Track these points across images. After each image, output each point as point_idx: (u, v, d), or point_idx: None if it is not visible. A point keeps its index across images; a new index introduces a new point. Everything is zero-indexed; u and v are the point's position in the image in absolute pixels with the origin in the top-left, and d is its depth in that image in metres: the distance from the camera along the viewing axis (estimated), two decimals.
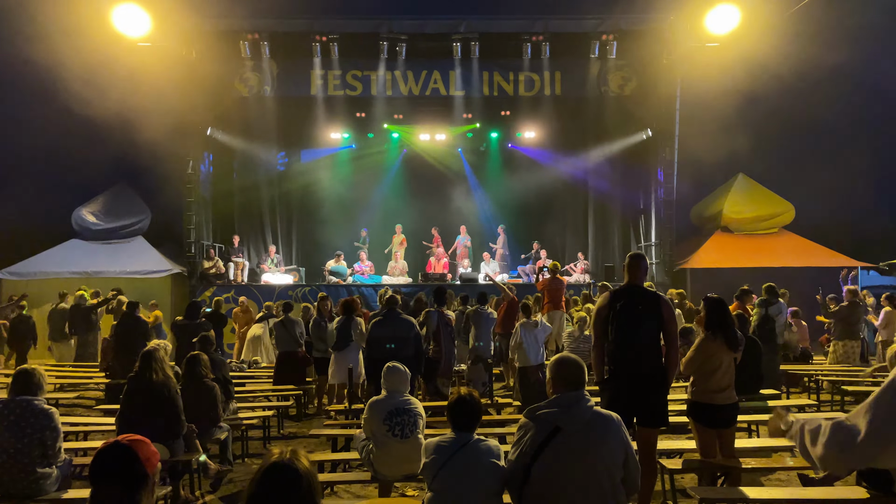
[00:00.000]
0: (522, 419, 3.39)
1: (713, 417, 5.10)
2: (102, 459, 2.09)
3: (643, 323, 4.93)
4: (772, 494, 4.60)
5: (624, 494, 3.28)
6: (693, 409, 5.21)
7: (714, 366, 5.10)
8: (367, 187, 18.56)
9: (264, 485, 1.94)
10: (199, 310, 9.78)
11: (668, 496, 5.55)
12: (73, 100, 13.19)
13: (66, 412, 9.31)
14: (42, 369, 4.87)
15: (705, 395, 5.12)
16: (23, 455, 4.56)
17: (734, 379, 5.20)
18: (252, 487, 1.95)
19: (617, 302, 5.01)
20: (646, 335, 4.93)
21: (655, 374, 4.93)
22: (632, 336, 4.93)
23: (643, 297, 5.03)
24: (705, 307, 5.38)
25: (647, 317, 4.94)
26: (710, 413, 5.10)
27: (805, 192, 16.64)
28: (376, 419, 4.82)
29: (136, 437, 2.16)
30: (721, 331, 5.16)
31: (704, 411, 5.13)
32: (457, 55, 15.42)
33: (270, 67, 15.55)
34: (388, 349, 6.98)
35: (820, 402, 9.13)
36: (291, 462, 1.97)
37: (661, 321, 4.93)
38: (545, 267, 12.59)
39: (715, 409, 5.09)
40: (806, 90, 15.89)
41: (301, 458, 2.01)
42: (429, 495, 3.44)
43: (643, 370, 4.91)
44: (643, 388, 4.89)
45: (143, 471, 2.08)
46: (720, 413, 5.10)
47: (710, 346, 5.14)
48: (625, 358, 4.94)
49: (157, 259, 15.43)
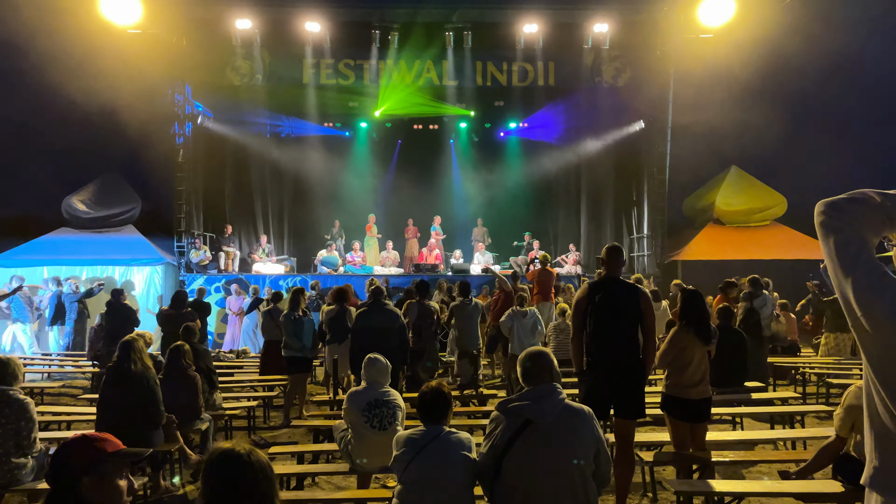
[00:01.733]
0: (494, 412, 3.39)
1: (686, 411, 5.11)
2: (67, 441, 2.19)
3: (621, 315, 4.94)
4: (748, 487, 4.61)
5: (595, 488, 3.27)
6: (666, 403, 5.22)
7: (687, 359, 5.10)
8: (360, 177, 18.49)
9: (221, 472, 1.95)
10: (185, 299, 9.75)
11: (648, 488, 5.56)
12: (63, 88, 13.09)
13: (52, 401, 9.30)
14: (17, 359, 4.84)
15: (678, 389, 5.12)
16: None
17: (708, 373, 5.20)
18: (207, 477, 1.96)
19: (595, 294, 5.02)
20: (624, 327, 4.93)
21: (633, 366, 4.94)
22: (610, 328, 4.94)
23: (621, 290, 5.03)
24: (681, 299, 5.37)
25: (625, 309, 4.94)
26: (683, 407, 5.10)
27: (797, 184, 16.63)
28: (354, 410, 4.80)
29: (104, 435, 2.23)
30: (693, 324, 5.15)
31: (677, 405, 5.13)
32: (449, 45, 15.37)
33: (262, 56, 15.47)
34: (372, 340, 6.93)
35: (805, 394, 9.14)
36: (247, 453, 1.97)
37: (640, 313, 4.93)
38: (535, 258, 12.58)
39: (688, 403, 5.09)
40: (800, 82, 15.84)
41: (255, 451, 2.00)
42: (399, 488, 3.43)
43: (621, 362, 4.92)
44: (621, 380, 4.90)
45: (99, 455, 2.17)
46: (693, 407, 5.10)
47: (682, 338, 5.14)
48: (603, 350, 4.95)
49: (148, 248, 15.37)
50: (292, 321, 8.51)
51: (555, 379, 3.40)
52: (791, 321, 11.58)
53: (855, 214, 1.76)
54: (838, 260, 1.74)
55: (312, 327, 8.73)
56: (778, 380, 9.94)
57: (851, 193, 1.80)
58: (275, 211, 18.14)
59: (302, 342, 8.49)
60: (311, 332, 8.61)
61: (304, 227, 18.43)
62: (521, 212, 18.38)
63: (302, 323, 8.53)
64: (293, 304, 8.65)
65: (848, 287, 1.70)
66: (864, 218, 1.76)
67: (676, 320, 5.37)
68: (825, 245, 1.79)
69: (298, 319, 8.53)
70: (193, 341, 7.06)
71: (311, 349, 8.66)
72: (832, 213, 1.79)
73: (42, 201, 16.39)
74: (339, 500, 4.76)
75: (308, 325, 8.65)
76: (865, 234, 1.75)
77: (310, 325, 8.71)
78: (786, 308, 11.56)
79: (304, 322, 8.57)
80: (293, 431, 7.58)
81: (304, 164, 17.91)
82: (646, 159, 16.29)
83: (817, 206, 1.82)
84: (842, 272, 1.73)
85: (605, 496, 5.07)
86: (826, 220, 1.79)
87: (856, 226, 1.75)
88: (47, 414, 7.27)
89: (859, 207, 1.77)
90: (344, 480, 5.88)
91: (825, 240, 1.79)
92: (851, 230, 1.75)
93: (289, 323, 8.52)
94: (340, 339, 8.62)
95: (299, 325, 8.51)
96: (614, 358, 4.91)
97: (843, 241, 1.74)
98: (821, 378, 9.07)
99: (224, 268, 15.64)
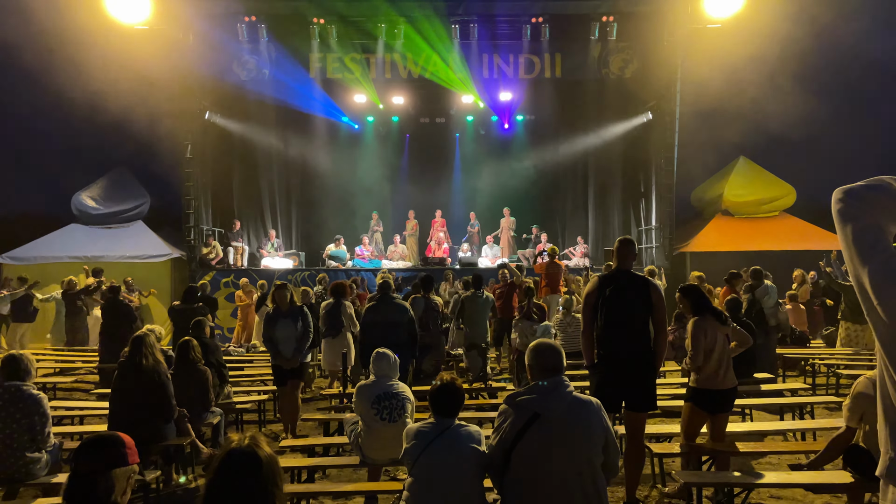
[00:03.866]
0: (502, 405, 3.40)
1: (714, 402, 5.09)
2: (87, 441, 2.30)
3: (632, 308, 4.94)
4: (757, 478, 4.61)
5: (604, 479, 3.29)
6: (695, 395, 5.17)
7: (710, 347, 5.08)
8: (367, 171, 18.50)
9: (223, 471, 1.95)
10: (196, 294, 9.79)
11: (658, 480, 5.58)
12: (72, 84, 13.17)
13: (65, 396, 9.39)
14: (31, 355, 4.90)
15: (709, 382, 5.08)
16: (12, 440, 4.61)
17: (731, 361, 5.19)
18: (211, 474, 1.96)
19: (606, 287, 5.02)
20: (635, 320, 4.93)
21: (644, 359, 4.93)
22: (621, 321, 4.94)
23: (632, 282, 5.03)
24: (682, 297, 5.38)
25: (636, 302, 4.94)
26: (713, 398, 5.09)
27: (806, 175, 16.53)
28: (364, 403, 4.84)
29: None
30: (708, 310, 5.17)
31: (706, 396, 5.10)
32: (456, 37, 15.32)
33: (269, 50, 15.48)
34: (381, 334, 6.96)
35: (815, 385, 9.12)
36: (250, 448, 1.98)
37: (651, 306, 4.93)
38: (544, 251, 12.57)
39: (718, 394, 5.08)
40: (808, 71, 15.73)
41: (261, 445, 2.02)
42: (409, 480, 3.45)
43: (632, 355, 4.92)
44: (632, 373, 4.91)
45: (124, 454, 2.25)
46: (722, 397, 5.09)
47: (703, 326, 5.12)
48: (614, 343, 4.95)
49: (157, 243, 15.45)
50: (279, 323, 7.07)
51: (562, 372, 3.42)
52: (800, 312, 11.54)
53: (873, 202, 1.74)
54: (855, 248, 1.72)
55: (293, 328, 7.08)
56: (787, 371, 9.92)
57: (869, 181, 1.78)
58: (282, 205, 18.16)
59: (276, 348, 7.02)
60: (290, 336, 7.03)
61: (312, 221, 18.46)
62: (528, 204, 18.34)
63: (276, 323, 7.07)
64: (278, 302, 7.18)
65: (864, 275, 1.68)
66: (882, 206, 1.74)
67: (689, 315, 5.35)
68: (842, 233, 1.76)
69: (272, 319, 7.10)
70: (204, 336, 7.11)
71: (292, 355, 7.02)
72: (850, 200, 1.76)
73: (51, 198, 16.52)
74: (350, 492, 4.80)
75: (285, 327, 7.05)
76: (883, 221, 1.73)
77: (287, 325, 7.07)
78: (794, 299, 11.52)
79: (278, 322, 7.07)
80: (303, 425, 7.63)
81: (311, 158, 17.93)
82: (653, 150, 16.21)
83: (835, 194, 1.80)
84: (859, 260, 1.70)
85: (614, 487, 5.10)
86: (843, 208, 1.76)
87: (874, 213, 1.73)
88: (60, 409, 7.34)
89: (877, 195, 1.75)
90: (354, 473, 5.92)
91: (842, 228, 1.76)
92: (869, 218, 1.72)
93: (273, 325, 7.07)
94: (334, 333, 8.66)
95: (288, 327, 7.05)
96: (626, 351, 4.91)
97: (861, 228, 1.72)
98: (830, 369, 9.05)
99: (233, 263, 15.70)
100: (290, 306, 7.20)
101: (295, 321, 7.13)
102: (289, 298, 7.21)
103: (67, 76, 13.02)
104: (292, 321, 7.11)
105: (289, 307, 7.19)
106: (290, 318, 7.13)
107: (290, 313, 7.17)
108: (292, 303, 7.27)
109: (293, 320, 7.13)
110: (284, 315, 7.14)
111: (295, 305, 7.31)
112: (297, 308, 7.28)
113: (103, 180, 16.61)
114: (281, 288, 7.29)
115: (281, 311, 7.17)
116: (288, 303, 7.19)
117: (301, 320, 7.17)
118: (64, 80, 13.19)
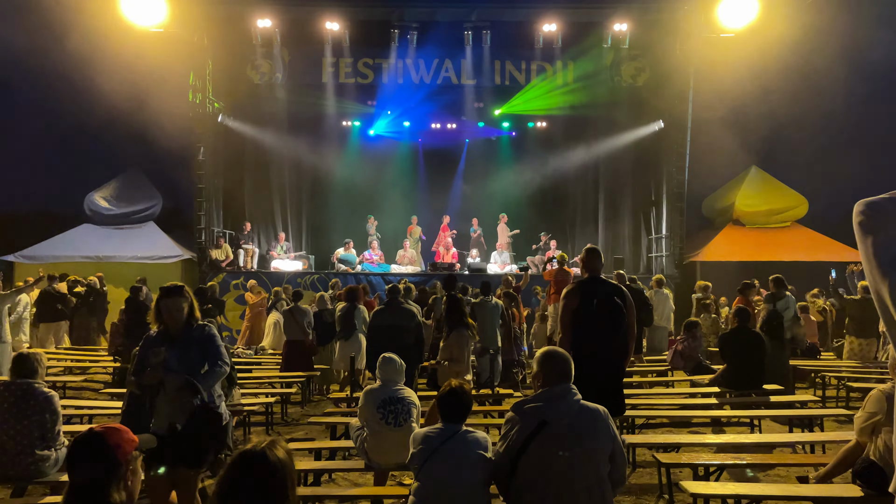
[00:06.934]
0: (509, 413, 3.40)
1: None
2: (75, 447, 2.16)
3: (607, 313, 5.22)
4: (765, 490, 4.58)
5: (610, 487, 3.28)
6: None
7: None
8: (378, 176, 18.53)
9: (234, 473, 1.95)
10: (205, 295, 9.84)
11: (665, 490, 5.54)
12: (85, 86, 13.29)
13: (75, 395, 9.44)
14: (41, 353, 4.93)
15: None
16: (22, 437, 4.62)
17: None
18: (224, 474, 1.97)
19: (583, 294, 5.28)
20: (608, 325, 5.21)
21: (618, 363, 5.27)
22: (595, 326, 5.20)
23: (605, 289, 5.36)
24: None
25: (609, 307, 5.23)
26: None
27: (819, 185, 16.44)
28: (370, 408, 4.85)
29: (112, 426, 2.20)
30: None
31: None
32: (468, 44, 15.38)
33: (282, 55, 15.59)
34: (387, 338, 6.97)
35: (825, 397, 9.05)
36: (264, 452, 1.97)
37: (623, 311, 5.26)
38: (553, 258, 12.55)
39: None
40: (822, 82, 15.64)
41: (277, 449, 2.01)
42: (416, 485, 3.45)
43: (607, 358, 5.20)
44: (606, 377, 5.14)
45: (114, 456, 2.13)
46: None
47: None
48: (589, 347, 5.14)
49: (168, 244, 15.55)
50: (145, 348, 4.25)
51: (571, 379, 3.41)
52: (811, 323, 11.46)
53: (895, 214, 1.69)
54: (876, 261, 1.66)
55: (187, 361, 4.34)
56: (797, 382, 9.85)
57: (892, 193, 1.72)
58: (293, 208, 18.23)
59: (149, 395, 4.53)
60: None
61: (322, 224, 18.52)
62: (538, 211, 18.32)
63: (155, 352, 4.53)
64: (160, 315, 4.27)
65: (885, 290, 1.63)
66: None
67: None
68: (863, 246, 1.71)
69: (151, 345, 4.24)
70: None
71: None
72: (871, 212, 1.71)
73: (64, 198, 16.67)
74: (356, 496, 4.80)
75: (173, 358, 4.20)
76: None
77: (176, 356, 4.26)
78: (805, 311, 11.44)
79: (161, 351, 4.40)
80: (310, 428, 7.64)
81: (322, 161, 18.00)
82: (665, 159, 16.17)
83: (856, 206, 1.78)
84: (879, 274, 1.65)
85: (620, 497, 5.08)
86: (865, 221, 1.71)
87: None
88: (70, 408, 7.38)
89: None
90: (360, 477, 5.92)
91: (863, 240, 1.70)
92: (891, 231, 1.67)
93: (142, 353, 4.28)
94: (348, 335, 8.72)
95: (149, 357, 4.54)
96: (600, 355, 5.15)
97: (882, 242, 1.66)
98: (841, 381, 8.98)
99: (244, 265, 15.77)
100: (185, 325, 4.16)
101: (188, 349, 4.12)
102: (186, 312, 4.15)
103: (83, 78, 13.15)
104: (183, 350, 4.11)
105: (183, 326, 4.16)
106: (182, 344, 4.12)
107: (184, 337, 4.14)
108: (191, 319, 4.19)
109: (185, 348, 4.12)
110: (173, 339, 4.13)
111: (195, 324, 4.21)
112: (198, 328, 4.20)
113: (116, 181, 16.76)
114: (174, 295, 4.15)
115: (168, 334, 4.15)
116: (184, 319, 4.16)
117: (203, 348, 4.15)
118: (78, 83, 13.32)
